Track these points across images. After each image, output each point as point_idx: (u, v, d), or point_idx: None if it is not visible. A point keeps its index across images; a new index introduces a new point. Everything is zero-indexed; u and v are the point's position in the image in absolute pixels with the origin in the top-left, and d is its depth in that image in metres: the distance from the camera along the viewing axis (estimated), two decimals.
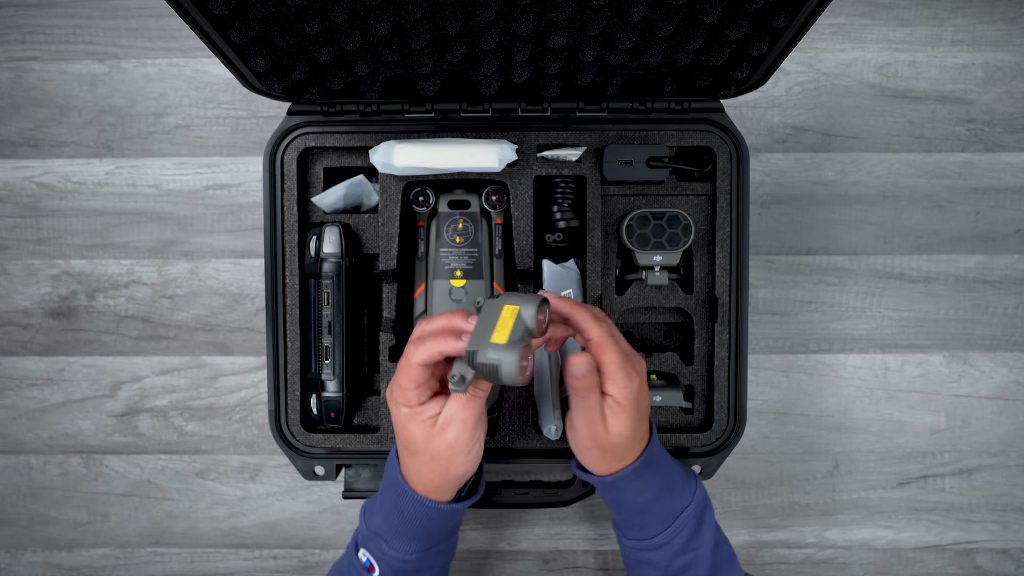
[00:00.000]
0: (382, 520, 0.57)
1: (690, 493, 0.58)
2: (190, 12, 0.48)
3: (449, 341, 0.50)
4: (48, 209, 0.78)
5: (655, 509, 0.57)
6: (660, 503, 0.57)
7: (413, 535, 0.56)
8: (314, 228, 0.66)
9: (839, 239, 0.78)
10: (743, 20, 0.52)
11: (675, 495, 0.57)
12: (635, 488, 0.56)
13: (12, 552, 0.79)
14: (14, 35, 0.78)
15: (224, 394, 0.78)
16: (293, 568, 0.79)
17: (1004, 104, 0.77)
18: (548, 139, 0.65)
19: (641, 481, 0.55)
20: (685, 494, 0.58)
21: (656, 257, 0.64)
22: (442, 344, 0.50)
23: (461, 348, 0.50)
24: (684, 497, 0.57)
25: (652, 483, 0.56)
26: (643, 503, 0.56)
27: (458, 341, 0.50)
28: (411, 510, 0.55)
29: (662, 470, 0.57)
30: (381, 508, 0.57)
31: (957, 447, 0.79)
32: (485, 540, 0.79)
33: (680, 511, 0.57)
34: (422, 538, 0.56)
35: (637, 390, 0.53)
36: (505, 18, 0.52)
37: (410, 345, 0.52)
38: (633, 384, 0.52)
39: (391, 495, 0.56)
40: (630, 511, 0.57)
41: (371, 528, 0.57)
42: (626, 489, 0.56)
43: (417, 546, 0.56)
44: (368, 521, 0.58)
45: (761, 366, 0.78)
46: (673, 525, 0.56)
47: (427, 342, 0.51)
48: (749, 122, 0.78)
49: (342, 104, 0.64)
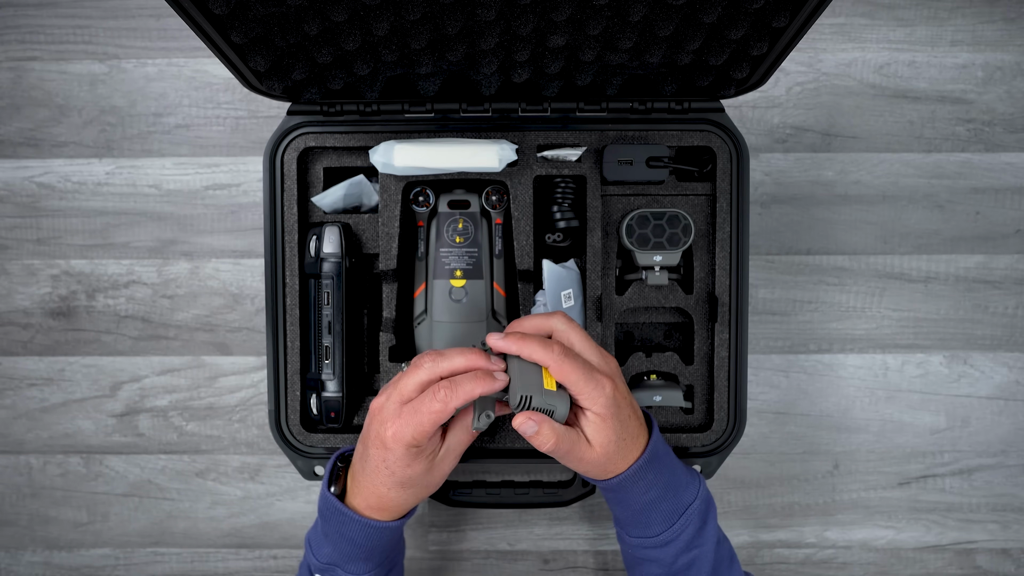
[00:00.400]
0: (332, 550, 0.56)
1: (694, 489, 0.57)
2: (190, 12, 0.48)
3: (487, 382, 0.50)
4: (48, 209, 0.78)
5: (661, 506, 0.56)
6: (666, 500, 0.56)
7: (366, 556, 0.56)
8: (314, 228, 0.66)
9: (839, 239, 0.78)
10: (743, 20, 0.52)
11: (680, 491, 0.57)
12: (641, 487, 0.55)
13: (12, 552, 0.79)
14: (14, 35, 0.78)
15: (224, 394, 0.79)
16: (293, 568, 0.79)
17: (1004, 104, 0.77)
18: (548, 139, 0.65)
19: (646, 480, 0.55)
20: (690, 490, 0.57)
21: (656, 257, 0.64)
22: (482, 386, 0.50)
23: (499, 387, 0.51)
24: (688, 493, 0.57)
25: (658, 481, 0.55)
26: (649, 500, 0.56)
27: (495, 382, 0.50)
28: (360, 535, 0.55)
29: (666, 467, 0.56)
30: (327, 539, 0.57)
31: (957, 447, 0.79)
32: (485, 540, 0.79)
33: (685, 507, 0.56)
34: (376, 556, 0.57)
35: (611, 395, 0.52)
36: (505, 18, 0.52)
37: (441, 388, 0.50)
38: (606, 391, 0.51)
39: (334, 525, 0.56)
40: (635, 509, 0.57)
41: (321, 560, 0.57)
42: (632, 488, 0.55)
43: (372, 564, 0.57)
44: (317, 554, 0.57)
45: (761, 366, 0.78)
46: (679, 522, 0.56)
47: (463, 386, 0.50)
48: (749, 122, 0.78)
49: (342, 104, 0.64)
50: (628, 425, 0.53)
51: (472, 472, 0.76)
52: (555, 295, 0.64)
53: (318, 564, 0.57)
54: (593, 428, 0.52)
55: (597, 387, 0.51)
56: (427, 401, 0.50)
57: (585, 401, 0.51)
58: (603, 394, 0.51)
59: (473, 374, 0.51)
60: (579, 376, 0.51)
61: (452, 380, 0.50)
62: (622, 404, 0.53)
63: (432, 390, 0.50)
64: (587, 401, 0.51)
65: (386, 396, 0.53)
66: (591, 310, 0.66)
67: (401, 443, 0.51)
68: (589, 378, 0.51)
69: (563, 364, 0.51)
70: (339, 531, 0.55)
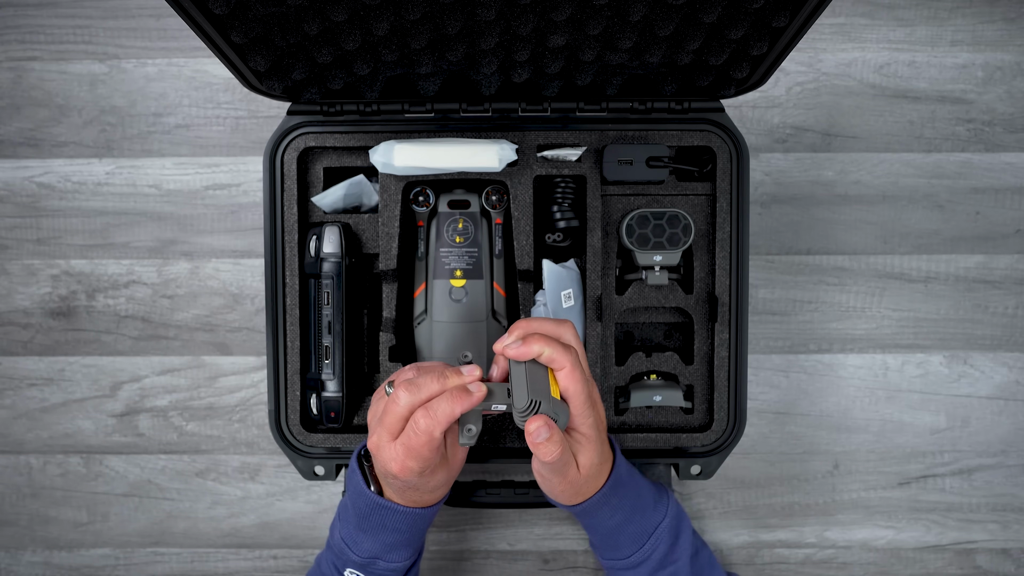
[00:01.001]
0: (372, 544, 0.57)
1: (663, 509, 0.58)
2: (190, 12, 0.48)
3: (463, 400, 0.50)
4: (48, 209, 0.78)
5: (628, 529, 0.57)
6: (633, 522, 0.57)
7: (407, 542, 0.58)
8: (314, 228, 0.66)
9: (839, 239, 0.78)
10: (743, 20, 0.52)
11: (647, 513, 0.58)
12: (606, 512, 0.56)
13: (12, 552, 0.79)
14: (14, 35, 0.77)
15: (224, 394, 0.78)
16: (293, 568, 0.79)
17: (1004, 104, 0.77)
18: (548, 139, 0.65)
19: (610, 505, 0.56)
20: (658, 511, 0.58)
21: (656, 257, 0.64)
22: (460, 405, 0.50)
23: (477, 400, 0.50)
24: (657, 514, 0.58)
25: (622, 505, 0.56)
26: (616, 524, 0.57)
27: (471, 396, 0.50)
28: (405, 523, 0.56)
29: (631, 491, 0.57)
30: (366, 534, 0.57)
31: (957, 447, 0.79)
32: (485, 540, 0.79)
33: (654, 528, 0.57)
34: (414, 541, 0.58)
35: (600, 417, 0.54)
36: (505, 18, 0.52)
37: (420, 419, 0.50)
38: (597, 410, 0.53)
39: (376, 520, 0.57)
40: (603, 533, 0.58)
41: (362, 555, 0.58)
42: (597, 513, 0.56)
43: (411, 550, 0.59)
44: (356, 550, 0.58)
45: (761, 366, 0.78)
46: (648, 542, 0.57)
47: (440, 409, 0.49)
48: (749, 122, 0.78)
49: (342, 104, 0.64)
50: (604, 450, 0.55)
51: (472, 472, 0.76)
52: (555, 295, 0.64)
53: (358, 559, 0.58)
54: (580, 448, 0.53)
55: (593, 407, 0.53)
56: (413, 436, 0.50)
57: (578, 419, 0.52)
58: (594, 415, 0.53)
59: (448, 395, 0.50)
60: (582, 388, 0.51)
61: (427, 407, 0.50)
62: (602, 428, 0.55)
63: (413, 422, 0.50)
64: (579, 420, 0.52)
65: (377, 436, 0.52)
66: (591, 310, 0.66)
67: (411, 474, 0.52)
68: (586, 398, 0.52)
69: (575, 372, 0.51)
70: (382, 524, 0.56)
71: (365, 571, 0.58)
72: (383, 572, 0.58)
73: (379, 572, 0.58)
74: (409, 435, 0.50)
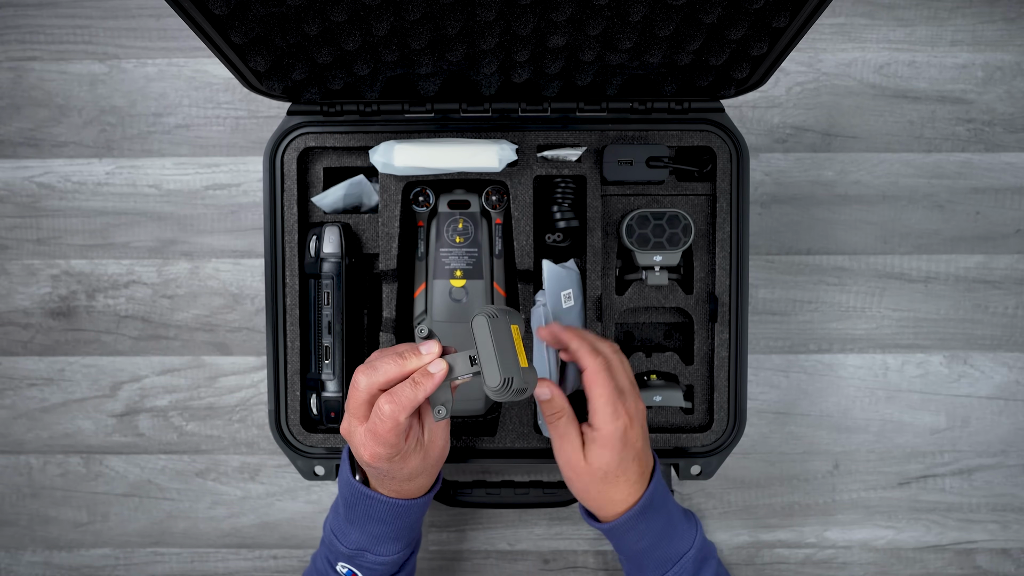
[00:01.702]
0: (360, 535, 0.57)
1: (690, 537, 0.58)
2: (190, 12, 0.48)
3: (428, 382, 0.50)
4: (48, 209, 0.78)
5: (654, 554, 0.57)
6: (659, 548, 0.57)
7: (395, 535, 0.57)
8: (314, 228, 0.66)
9: (839, 239, 0.78)
10: (743, 20, 0.52)
11: (674, 541, 0.57)
12: (633, 536, 0.56)
13: (12, 552, 0.79)
14: (14, 35, 0.78)
15: (224, 394, 0.79)
16: (293, 568, 0.79)
17: (1004, 104, 0.77)
18: (548, 139, 0.65)
19: (638, 529, 0.56)
20: (685, 538, 0.58)
21: (656, 257, 0.64)
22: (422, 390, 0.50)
23: (438, 380, 0.50)
24: (684, 542, 0.58)
25: (650, 529, 0.56)
26: (642, 549, 0.57)
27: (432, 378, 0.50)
28: (390, 514, 0.56)
29: (660, 516, 0.57)
30: (353, 525, 0.57)
31: (957, 447, 0.79)
32: (485, 540, 0.79)
33: (679, 556, 0.57)
34: (403, 535, 0.58)
35: (623, 429, 0.53)
36: (505, 18, 0.52)
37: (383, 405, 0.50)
38: (618, 422, 0.53)
39: (362, 510, 0.57)
40: (629, 555, 0.58)
41: (350, 546, 0.57)
42: (624, 536, 0.57)
43: (400, 544, 0.58)
44: (344, 541, 0.58)
45: (761, 366, 0.78)
46: (671, 570, 0.57)
47: (404, 392, 0.50)
48: (749, 122, 0.78)
49: (342, 104, 0.64)
50: (631, 465, 0.55)
51: (472, 472, 0.76)
52: (555, 295, 0.64)
53: (346, 551, 0.57)
54: (593, 445, 0.54)
55: (613, 414, 0.53)
56: (378, 422, 0.50)
57: (596, 419, 0.54)
58: (614, 423, 0.53)
59: (409, 381, 0.50)
60: (604, 393, 0.53)
61: (391, 393, 0.50)
62: (628, 447, 0.54)
63: (376, 408, 0.50)
64: (598, 420, 0.54)
65: (346, 421, 0.53)
66: (591, 310, 0.66)
67: (380, 460, 0.52)
68: (613, 400, 0.53)
69: (598, 375, 0.53)
70: (367, 514, 0.56)
71: (354, 563, 0.57)
72: (372, 565, 0.57)
73: (368, 565, 0.57)
74: (374, 421, 0.50)
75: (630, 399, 0.55)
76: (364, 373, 0.51)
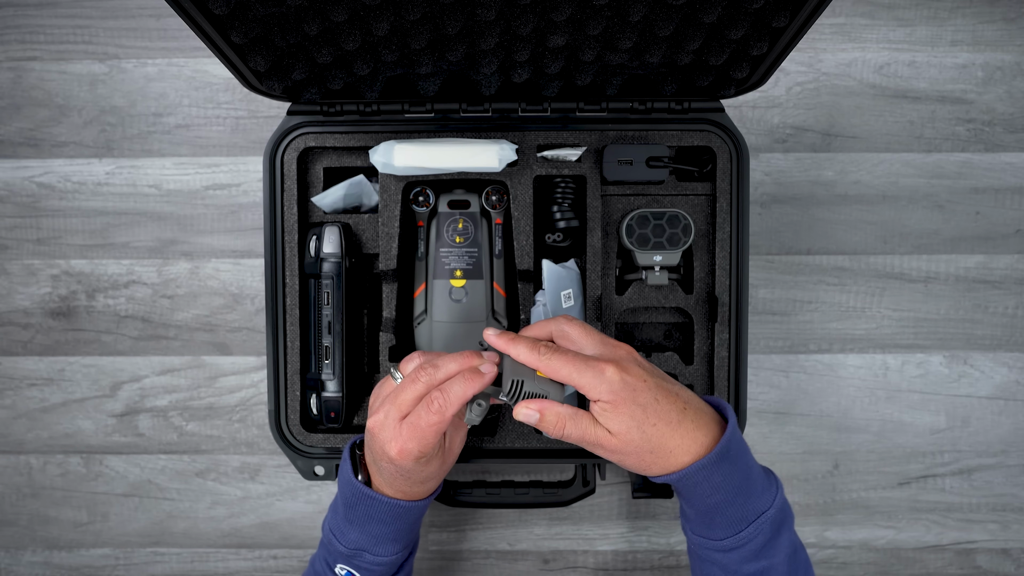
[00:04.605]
0: (359, 535, 0.57)
1: (770, 496, 0.52)
2: (190, 12, 0.48)
3: (476, 381, 0.51)
4: (48, 209, 0.78)
5: (728, 511, 0.52)
6: (734, 505, 0.52)
7: (394, 536, 0.57)
8: (314, 228, 0.66)
9: (839, 239, 0.78)
10: (743, 20, 0.52)
11: (752, 498, 0.52)
12: (705, 488, 0.51)
13: (12, 552, 0.79)
14: (14, 35, 0.78)
15: (224, 394, 0.79)
16: (293, 568, 0.79)
17: (1004, 104, 0.77)
18: (548, 139, 0.65)
19: (712, 482, 0.51)
20: (764, 497, 0.52)
21: (656, 257, 0.64)
22: (472, 386, 0.51)
23: (488, 380, 0.51)
24: (763, 501, 0.52)
25: (726, 484, 0.51)
26: (715, 503, 0.52)
27: (483, 377, 0.51)
28: (390, 515, 0.56)
29: (738, 469, 0.51)
30: (353, 524, 0.57)
31: (957, 447, 0.79)
32: (485, 540, 0.79)
33: (757, 515, 0.51)
34: (403, 537, 0.58)
35: (615, 379, 0.49)
36: (505, 18, 0.52)
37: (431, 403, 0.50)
38: (605, 375, 0.49)
39: (362, 510, 0.56)
40: (699, 509, 0.53)
41: (348, 546, 0.57)
42: (695, 488, 0.51)
43: (399, 545, 0.58)
44: (342, 540, 0.58)
45: (761, 366, 0.78)
46: (747, 530, 0.52)
47: (454, 391, 0.50)
48: (749, 122, 0.78)
49: (342, 104, 0.64)
50: (657, 407, 0.50)
51: (472, 472, 0.76)
52: (555, 295, 0.64)
53: (344, 551, 0.57)
54: (606, 416, 0.50)
55: (595, 375, 0.49)
56: (424, 415, 0.50)
57: (588, 392, 0.50)
58: (603, 380, 0.49)
59: (460, 376, 0.51)
60: (571, 369, 0.50)
61: (443, 388, 0.51)
62: (639, 387, 0.50)
63: (426, 402, 0.50)
64: (589, 391, 0.50)
65: (383, 413, 0.53)
66: (591, 310, 0.66)
67: (409, 457, 0.52)
68: (584, 368, 0.50)
69: (550, 361, 0.50)
70: (367, 515, 0.56)
71: (352, 564, 0.57)
72: (370, 566, 0.57)
73: (366, 565, 0.57)
74: (420, 414, 0.50)
75: (602, 351, 0.52)
76: (427, 372, 0.52)
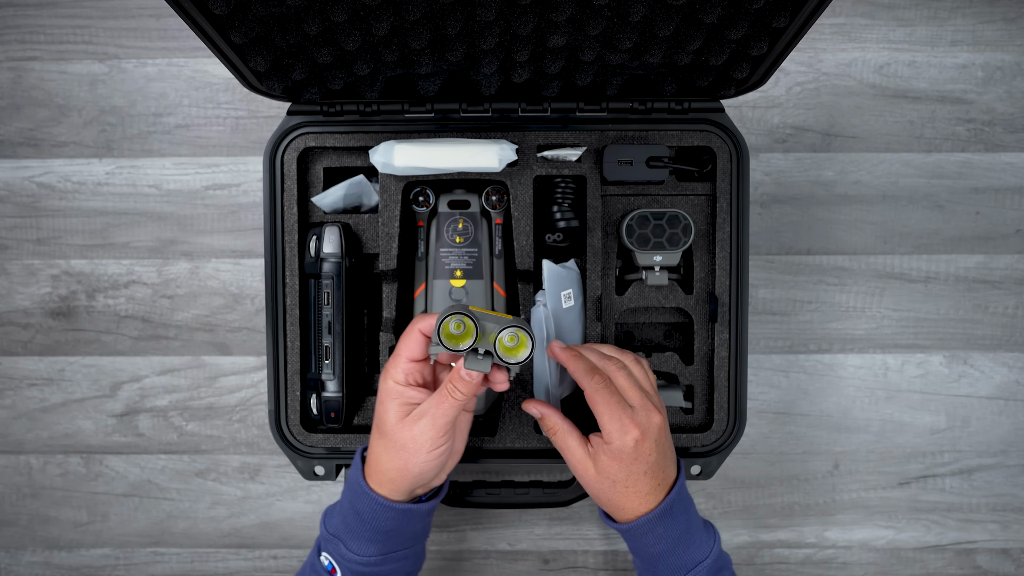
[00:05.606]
0: (340, 522, 0.57)
1: (707, 548, 0.58)
2: (190, 12, 0.48)
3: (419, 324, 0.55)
4: (48, 209, 0.78)
5: (669, 560, 0.57)
6: (674, 554, 0.57)
7: (370, 536, 0.56)
8: (314, 228, 0.66)
9: (839, 239, 0.78)
10: (743, 20, 0.52)
11: (691, 549, 0.57)
12: (650, 539, 0.56)
13: (12, 552, 0.79)
14: (14, 35, 0.78)
15: (224, 394, 0.79)
16: (293, 568, 0.79)
17: (1004, 104, 0.77)
18: (548, 139, 0.65)
19: (656, 533, 0.56)
20: (702, 549, 0.57)
21: (656, 257, 0.64)
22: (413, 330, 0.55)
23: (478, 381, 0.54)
24: (700, 552, 0.57)
25: (668, 535, 0.56)
26: (657, 553, 0.57)
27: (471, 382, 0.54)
28: (367, 509, 0.56)
29: (679, 523, 0.57)
30: (339, 510, 0.58)
31: (957, 447, 0.79)
32: (485, 540, 0.79)
33: (695, 564, 0.57)
34: (380, 540, 0.56)
35: (633, 443, 0.54)
36: (505, 18, 0.52)
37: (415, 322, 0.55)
38: (627, 437, 0.54)
39: (349, 496, 0.57)
40: (644, 557, 0.58)
41: (330, 530, 0.58)
42: (641, 538, 0.57)
43: (375, 548, 0.56)
44: (327, 523, 0.58)
45: (761, 366, 0.78)
46: None
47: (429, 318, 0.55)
48: (749, 122, 0.78)
49: (342, 104, 0.64)
50: (636, 480, 0.55)
51: (472, 472, 0.76)
52: (555, 295, 0.64)
53: (326, 535, 0.58)
54: (599, 455, 0.55)
55: (620, 430, 0.54)
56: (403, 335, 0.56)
57: (605, 433, 0.54)
58: (623, 438, 0.54)
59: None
60: (607, 412, 0.54)
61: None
62: (639, 461, 0.54)
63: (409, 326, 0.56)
64: (607, 434, 0.54)
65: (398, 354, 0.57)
66: (591, 310, 0.66)
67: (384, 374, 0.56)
68: (617, 418, 0.54)
69: (596, 395, 0.54)
70: (352, 504, 0.57)
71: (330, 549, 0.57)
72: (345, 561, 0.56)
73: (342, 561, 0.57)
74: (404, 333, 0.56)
75: (640, 413, 0.55)
76: None
